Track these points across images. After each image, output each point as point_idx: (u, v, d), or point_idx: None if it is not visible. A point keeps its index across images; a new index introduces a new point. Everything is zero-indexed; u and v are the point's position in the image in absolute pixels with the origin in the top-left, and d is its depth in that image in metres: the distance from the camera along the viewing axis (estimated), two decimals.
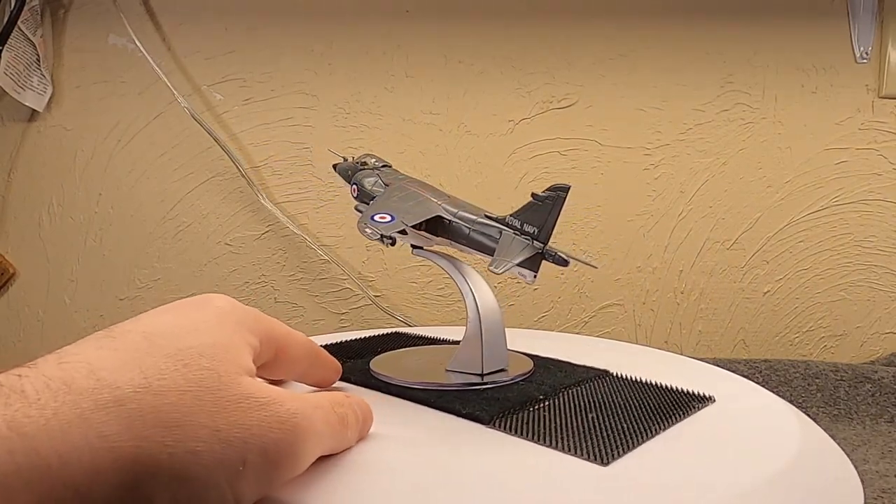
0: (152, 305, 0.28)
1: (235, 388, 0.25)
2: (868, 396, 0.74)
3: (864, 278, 0.86)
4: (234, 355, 0.26)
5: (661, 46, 0.85)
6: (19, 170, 0.90)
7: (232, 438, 0.23)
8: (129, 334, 0.25)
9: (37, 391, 0.21)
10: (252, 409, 0.25)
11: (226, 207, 0.89)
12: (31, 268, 0.90)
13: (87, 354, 0.24)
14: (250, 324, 0.30)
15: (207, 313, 0.28)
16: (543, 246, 0.39)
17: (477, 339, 0.43)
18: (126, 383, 0.23)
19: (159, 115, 0.88)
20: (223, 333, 0.27)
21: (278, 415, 0.25)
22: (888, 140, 0.84)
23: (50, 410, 0.21)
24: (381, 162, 0.51)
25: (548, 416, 0.36)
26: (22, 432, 0.20)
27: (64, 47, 0.88)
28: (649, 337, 0.88)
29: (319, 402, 0.29)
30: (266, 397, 0.25)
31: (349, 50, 0.87)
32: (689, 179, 0.86)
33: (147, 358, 0.24)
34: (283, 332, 0.33)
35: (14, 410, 0.20)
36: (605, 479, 0.29)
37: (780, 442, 0.34)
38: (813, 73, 0.84)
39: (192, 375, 0.24)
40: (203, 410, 0.23)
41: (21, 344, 0.91)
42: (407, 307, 0.89)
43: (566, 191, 0.38)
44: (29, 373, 0.22)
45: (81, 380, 0.22)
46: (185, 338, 0.26)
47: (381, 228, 0.41)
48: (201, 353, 0.25)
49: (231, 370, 0.25)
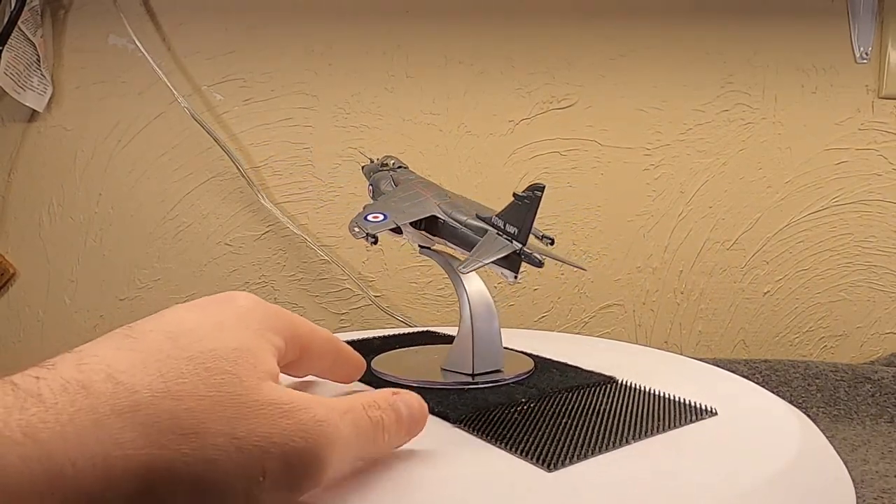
0: (152, 305, 0.28)
1: (257, 394, 0.24)
2: (868, 396, 0.74)
3: (864, 278, 0.86)
4: (257, 359, 0.26)
5: (661, 46, 0.85)
6: (19, 170, 0.90)
7: (251, 447, 0.23)
8: (151, 334, 0.25)
9: (54, 394, 0.21)
10: (274, 417, 0.24)
11: (226, 207, 0.89)
12: (31, 268, 0.90)
13: (106, 355, 0.23)
14: (274, 322, 0.29)
15: (231, 312, 0.28)
16: (521, 246, 0.38)
17: (468, 339, 0.43)
18: (144, 387, 0.22)
19: (159, 116, 0.88)
20: (247, 335, 0.27)
21: (302, 422, 0.24)
22: (888, 140, 0.84)
23: (66, 416, 0.21)
24: (398, 163, 0.52)
25: (519, 420, 0.36)
26: (37, 438, 0.20)
27: (64, 47, 0.88)
28: (649, 337, 0.88)
29: (351, 405, 0.28)
30: (289, 403, 0.24)
31: (349, 50, 0.87)
32: (689, 179, 0.86)
33: (168, 360, 0.23)
34: (307, 330, 0.32)
35: (30, 415, 0.20)
36: (575, 484, 0.29)
37: (779, 443, 0.34)
38: (813, 73, 0.84)
39: (212, 380, 0.23)
40: (222, 417, 0.23)
41: (21, 344, 0.91)
42: (407, 307, 0.89)
43: (541, 190, 0.37)
44: (47, 375, 0.22)
45: (99, 383, 0.22)
46: (207, 339, 0.25)
47: (369, 227, 0.41)
48: (223, 357, 0.24)
49: (253, 374, 0.25)
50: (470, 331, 0.43)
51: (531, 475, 0.29)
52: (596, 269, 0.88)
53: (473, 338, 0.43)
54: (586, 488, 0.28)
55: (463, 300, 0.44)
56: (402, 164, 0.52)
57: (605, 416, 0.37)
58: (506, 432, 0.34)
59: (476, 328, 0.43)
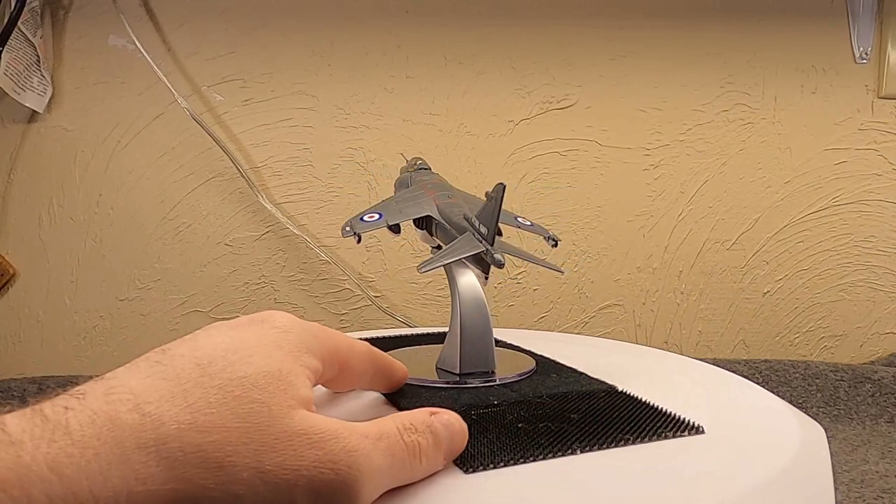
0: (152, 306, 0.27)
1: (287, 424, 0.23)
2: (868, 396, 0.74)
3: (864, 278, 0.86)
4: (288, 385, 0.25)
5: (661, 46, 0.85)
6: (19, 170, 0.90)
7: (279, 480, 0.22)
8: (181, 359, 0.24)
9: (81, 427, 0.21)
10: (303, 448, 0.23)
11: (226, 208, 0.89)
12: (31, 268, 0.90)
13: (135, 385, 0.23)
14: (310, 343, 0.28)
15: (265, 335, 0.27)
16: (486, 248, 0.38)
17: (456, 339, 0.43)
18: (171, 419, 0.22)
19: (159, 116, 0.88)
20: (279, 359, 0.26)
21: (333, 453, 0.23)
22: (888, 140, 0.84)
23: (91, 451, 0.20)
24: (422, 165, 0.52)
25: (475, 422, 0.34)
26: (62, 474, 0.20)
27: (64, 48, 0.88)
28: (649, 337, 0.88)
29: (386, 430, 0.27)
30: (321, 433, 0.24)
31: (349, 50, 0.87)
32: (689, 180, 0.86)
33: (195, 390, 0.23)
34: (345, 347, 0.31)
35: (57, 449, 0.20)
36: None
37: (779, 442, 0.34)
38: (813, 74, 0.84)
39: (241, 409, 0.23)
40: (249, 450, 0.22)
41: (21, 344, 0.91)
42: (407, 307, 0.89)
43: (501, 191, 0.37)
44: (76, 405, 0.22)
45: (126, 414, 0.22)
46: (238, 366, 0.24)
47: (361, 227, 0.43)
48: (254, 384, 0.24)
49: (284, 403, 0.24)
50: (458, 330, 0.43)
51: (450, 476, 0.29)
52: (596, 269, 0.88)
53: (461, 337, 0.43)
54: (633, 484, 0.28)
55: (454, 299, 0.44)
56: (425, 167, 0.53)
57: (570, 422, 0.35)
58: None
59: (464, 327, 0.43)
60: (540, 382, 0.42)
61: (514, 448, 0.31)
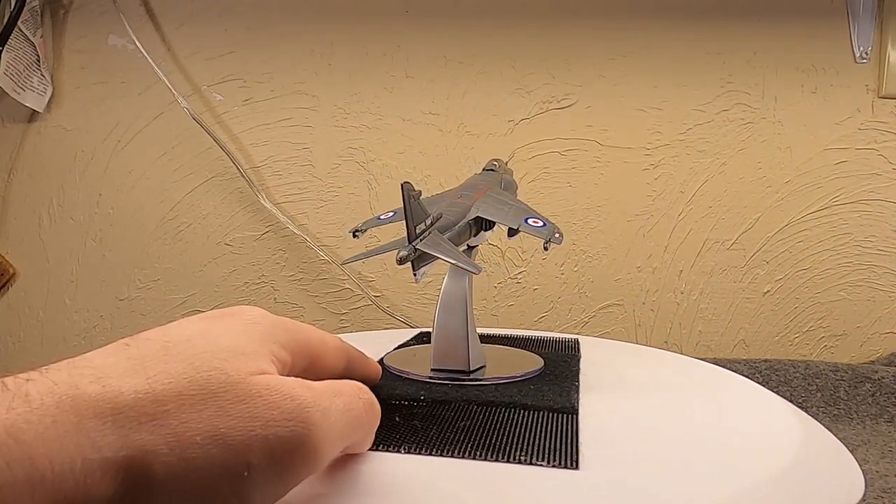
0: (152, 305, 0.28)
1: (242, 388, 0.24)
2: (868, 396, 0.74)
3: (864, 278, 0.86)
4: (249, 359, 0.25)
5: (661, 46, 0.85)
6: (19, 170, 0.90)
7: (233, 442, 0.22)
8: (148, 342, 0.25)
9: (41, 395, 0.21)
10: (258, 409, 0.23)
11: (226, 208, 0.89)
12: (31, 268, 0.90)
13: (98, 361, 0.23)
14: (279, 335, 0.28)
15: (234, 325, 0.27)
16: (406, 244, 0.38)
17: (433, 335, 0.44)
18: (130, 389, 0.22)
19: (159, 116, 0.88)
20: (244, 340, 0.26)
21: (287, 410, 0.24)
22: (888, 140, 0.84)
23: (49, 417, 0.20)
24: (488, 167, 0.51)
25: (386, 409, 0.34)
26: (20, 439, 0.20)
27: (64, 48, 0.88)
28: (649, 337, 0.88)
29: (342, 388, 0.27)
30: (277, 393, 0.24)
31: (349, 50, 0.87)
32: (689, 179, 0.86)
33: (158, 364, 0.23)
34: (316, 341, 0.31)
35: (16, 415, 0.20)
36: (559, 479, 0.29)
37: (780, 442, 0.34)
38: (813, 73, 0.84)
39: (198, 377, 0.23)
40: (203, 415, 0.22)
41: (21, 344, 0.91)
42: (407, 307, 0.89)
43: (407, 189, 0.36)
44: (37, 377, 0.22)
45: (86, 385, 0.22)
46: (202, 344, 0.25)
47: (362, 224, 0.46)
48: (215, 356, 0.24)
49: (244, 369, 0.24)
50: (433, 328, 0.44)
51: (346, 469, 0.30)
52: (596, 269, 0.88)
53: (434, 335, 0.43)
54: (631, 484, 0.28)
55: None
56: (489, 167, 0.51)
57: (452, 428, 0.34)
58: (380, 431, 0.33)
59: (436, 325, 0.43)
60: (505, 390, 0.40)
61: (380, 436, 0.32)
